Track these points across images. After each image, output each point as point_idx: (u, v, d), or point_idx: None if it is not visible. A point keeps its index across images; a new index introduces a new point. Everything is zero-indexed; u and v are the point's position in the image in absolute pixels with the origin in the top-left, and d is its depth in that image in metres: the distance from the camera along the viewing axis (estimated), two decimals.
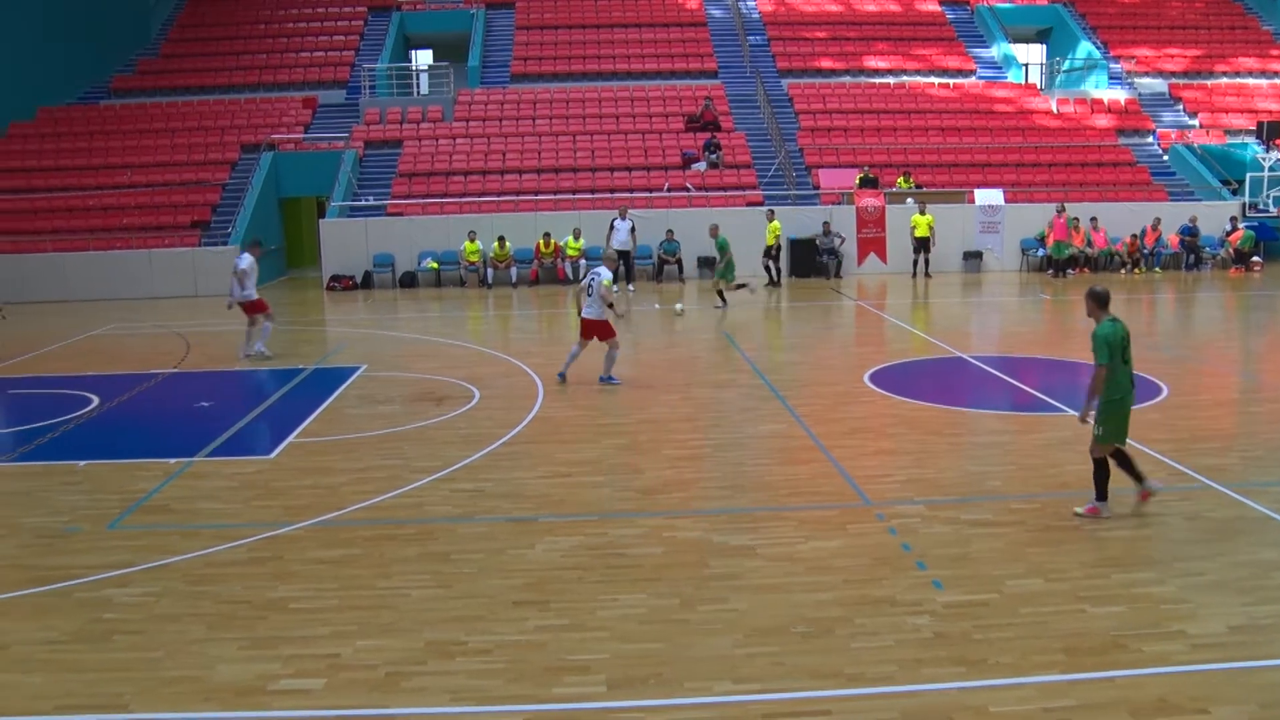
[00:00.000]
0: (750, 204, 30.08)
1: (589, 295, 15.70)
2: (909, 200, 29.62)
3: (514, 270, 28.74)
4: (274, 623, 7.97)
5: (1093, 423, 9.57)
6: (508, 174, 31.75)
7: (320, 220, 30.71)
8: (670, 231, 28.76)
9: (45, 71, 35.85)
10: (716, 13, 40.80)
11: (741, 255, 29.02)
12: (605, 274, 15.65)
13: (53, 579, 8.91)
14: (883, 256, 29.63)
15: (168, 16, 41.87)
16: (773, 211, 27.80)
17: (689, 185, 30.91)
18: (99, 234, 29.62)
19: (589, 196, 30.49)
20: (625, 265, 27.04)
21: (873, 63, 37.92)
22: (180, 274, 28.65)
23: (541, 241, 28.50)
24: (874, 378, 16.00)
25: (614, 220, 26.98)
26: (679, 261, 28.98)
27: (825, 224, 29.03)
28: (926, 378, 16.53)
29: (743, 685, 6.87)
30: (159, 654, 7.51)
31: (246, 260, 18.68)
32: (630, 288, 26.95)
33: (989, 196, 29.97)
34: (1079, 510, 9.80)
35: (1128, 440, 9.73)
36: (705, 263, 29.17)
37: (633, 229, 26.99)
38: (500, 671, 7.13)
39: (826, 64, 37.89)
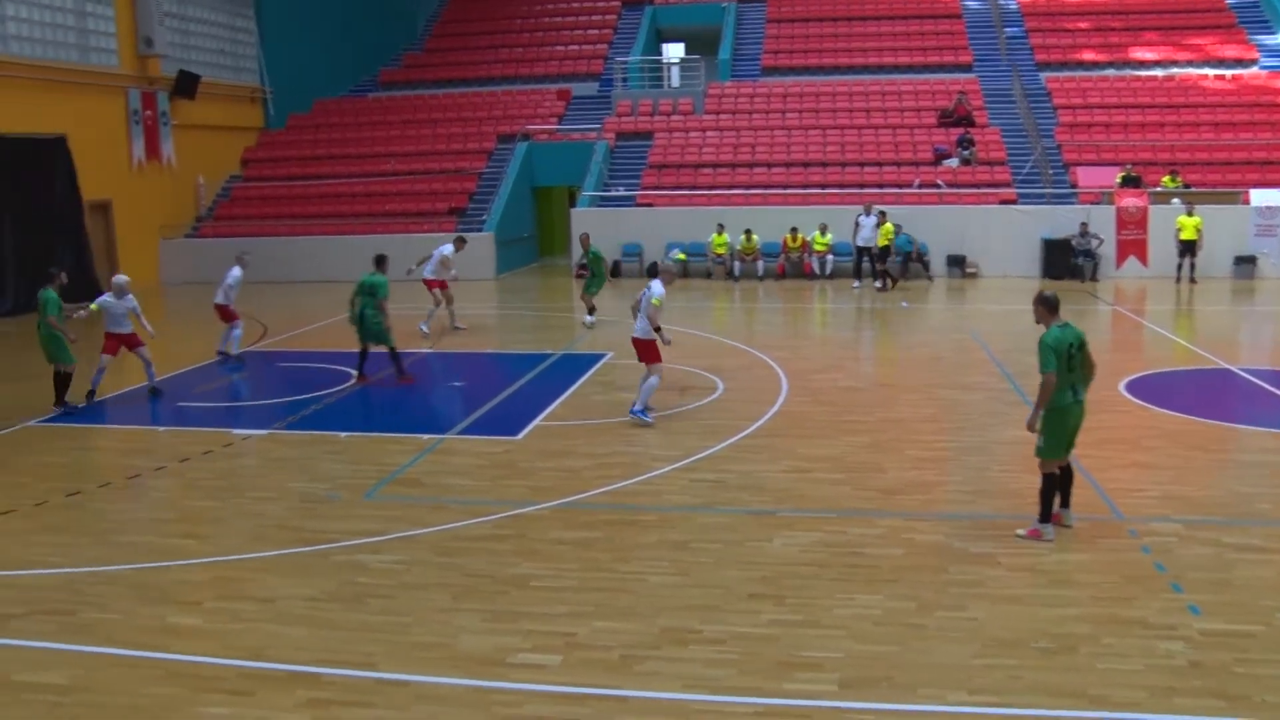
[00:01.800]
0: (1004, 202, 29.08)
1: (638, 312, 13.55)
2: (1175, 200, 27.98)
3: (760, 263, 28.69)
4: (515, 598, 8.27)
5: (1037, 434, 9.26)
6: (756, 167, 31.72)
7: (571, 209, 31.49)
8: (898, 226, 27.99)
9: (322, 68, 38.42)
10: (972, 4, 39.55)
11: (997, 255, 28.29)
12: (657, 289, 13.35)
13: (314, 541, 9.55)
14: (1144, 259, 28.10)
15: (433, 13, 43.98)
16: (884, 214, 26.68)
17: (940, 182, 30.14)
18: (363, 219, 31.27)
19: (837, 191, 30.12)
20: (870, 263, 26.63)
21: (1139, 54, 35.91)
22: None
23: (789, 236, 28.37)
24: (1130, 387, 15.20)
25: (859, 217, 26.57)
26: (925, 261, 28.24)
27: (1083, 224, 27.75)
28: (1189, 389, 15.61)
29: (977, 696, 6.69)
30: (407, 619, 7.92)
31: (446, 250, 20.58)
32: (876, 284, 26.53)
33: (1267, 197, 27.95)
34: (1020, 533, 9.37)
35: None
36: (954, 261, 28.43)
37: (878, 226, 26.50)
38: (732, 662, 7.17)
39: (1089, 56, 36.15)
